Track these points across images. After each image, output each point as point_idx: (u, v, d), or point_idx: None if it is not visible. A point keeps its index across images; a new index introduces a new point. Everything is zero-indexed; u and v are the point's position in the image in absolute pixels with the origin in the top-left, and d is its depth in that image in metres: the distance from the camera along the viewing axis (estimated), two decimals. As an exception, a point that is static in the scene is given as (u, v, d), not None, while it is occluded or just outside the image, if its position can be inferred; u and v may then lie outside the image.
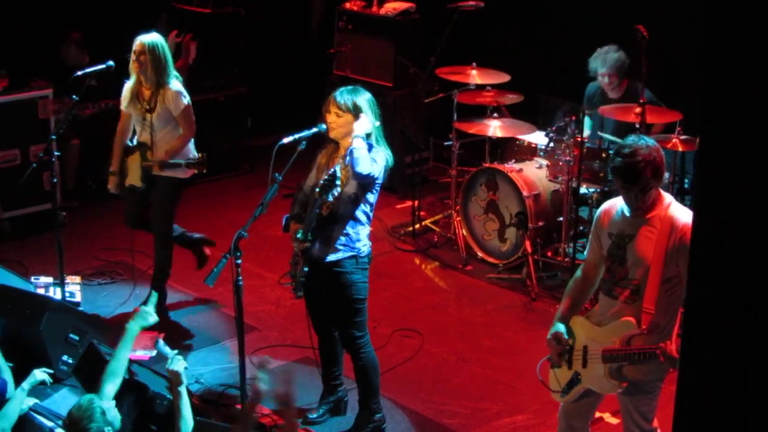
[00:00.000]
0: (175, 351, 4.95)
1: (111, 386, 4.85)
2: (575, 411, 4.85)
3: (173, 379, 4.72)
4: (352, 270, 5.47)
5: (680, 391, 2.43)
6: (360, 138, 5.32)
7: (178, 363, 4.71)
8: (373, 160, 5.35)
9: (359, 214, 5.45)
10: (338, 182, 5.24)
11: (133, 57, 6.66)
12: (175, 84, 6.71)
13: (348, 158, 5.31)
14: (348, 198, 5.39)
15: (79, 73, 6.77)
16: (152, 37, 6.66)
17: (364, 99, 5.48)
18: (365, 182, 5.35)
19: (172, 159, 6.67)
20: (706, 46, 2.25)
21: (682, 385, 2.43)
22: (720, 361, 2.30)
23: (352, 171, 5.27)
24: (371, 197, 5.48)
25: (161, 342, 5.47)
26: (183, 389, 4.70)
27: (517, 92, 7.96)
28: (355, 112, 5.42)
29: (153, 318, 5.13)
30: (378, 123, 5.48)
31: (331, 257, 5.44)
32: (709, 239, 2.31)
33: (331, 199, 5.31)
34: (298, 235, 5.41)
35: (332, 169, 5.25)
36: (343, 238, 5.42)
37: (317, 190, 5.29)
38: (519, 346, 6.74)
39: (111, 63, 6.83)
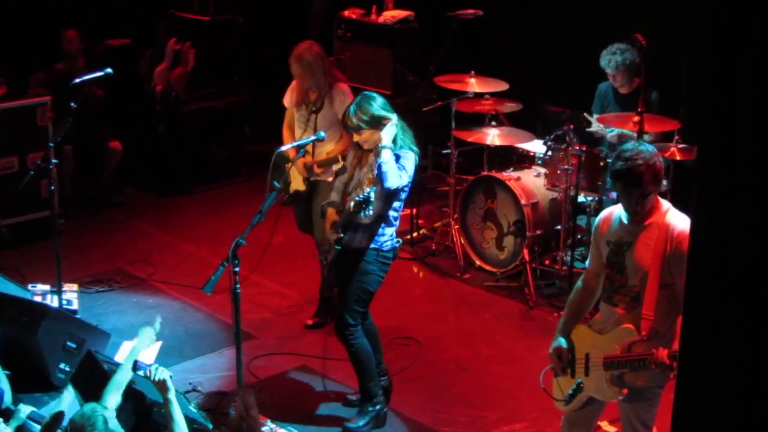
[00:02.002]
0: (154, 365, 4.95)
1: (113, 398, 4.89)
2: (578, 419, 4.85)
3: (161, 389, 4.74)
4: (371, 260, 5.62)
5: (678, 397, 2.43)
6: (388, 149, 5.39)
7: (161, 372, 4.74)
8: (402, 168, 5.43)
9: (388, 212, 5.59)
10: (371, 206, 5.33)
11: (292, 68, 6.57)
12: (342, 86, 6.61)
13: (376, 171, 5.41)
14: (379, 195, 5.45)
15: (77, 80, 6.75)
16: (302, 50, 6.52)
17: (376, 106, 5.50)
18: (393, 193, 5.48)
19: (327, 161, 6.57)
20: (706, 54, 2.25)
21: (680, 391, 2.43)
22: (718, 367, 2.29)
23: (381, 186, 5.38)
24: (402, 195, 5.61)
25: (140, 362, 5.37)
26: (172, 396, 4.72)
27: (516, 101, 7.96)
28: (373, 123, 5.46)
29: (154, 337, 5.46)
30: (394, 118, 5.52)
31: (356, 246, 5.57)
32: (707, 245, 2.31)
33: (363, 217, 5.42)
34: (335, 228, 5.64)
35: (366, 192, 5.32)
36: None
37: (352, 204, 5.41)
38: (517, 354, 6.72)
39: (109, 70, 6.78)
